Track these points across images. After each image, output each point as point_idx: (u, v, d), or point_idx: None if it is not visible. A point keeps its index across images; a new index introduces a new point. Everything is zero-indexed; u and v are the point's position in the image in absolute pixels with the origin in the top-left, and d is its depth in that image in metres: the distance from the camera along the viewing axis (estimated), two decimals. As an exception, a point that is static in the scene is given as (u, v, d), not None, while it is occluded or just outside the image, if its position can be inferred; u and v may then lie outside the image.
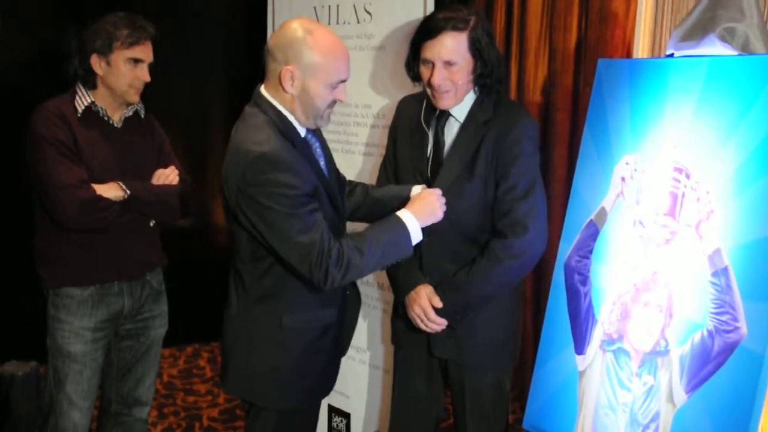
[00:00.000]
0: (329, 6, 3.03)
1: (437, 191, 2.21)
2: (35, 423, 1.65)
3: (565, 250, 2.35)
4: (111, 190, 2.46)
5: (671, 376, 1.96)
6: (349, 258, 1.99)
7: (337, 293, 2.17)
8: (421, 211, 2.14)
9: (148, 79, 2.55)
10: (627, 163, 2.19)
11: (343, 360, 2.93)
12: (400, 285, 2.42)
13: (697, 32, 2.11)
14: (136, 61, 2.50)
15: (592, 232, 2.27)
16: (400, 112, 2.53)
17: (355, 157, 3.03)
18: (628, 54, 3.15)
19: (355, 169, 3.01)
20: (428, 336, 2.41)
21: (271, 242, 1.99)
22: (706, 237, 1.91)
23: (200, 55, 4.83)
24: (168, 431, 3.81)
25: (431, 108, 2.36)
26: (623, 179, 2.20)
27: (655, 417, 1.98)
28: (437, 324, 2.33)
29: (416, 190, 2.28)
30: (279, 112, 2.05)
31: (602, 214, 2.25)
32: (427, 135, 2.38)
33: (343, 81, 2.08)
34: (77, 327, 2.52)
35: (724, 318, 1.84)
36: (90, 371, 2.56)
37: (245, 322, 2.15)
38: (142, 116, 2.67)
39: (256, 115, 2.06)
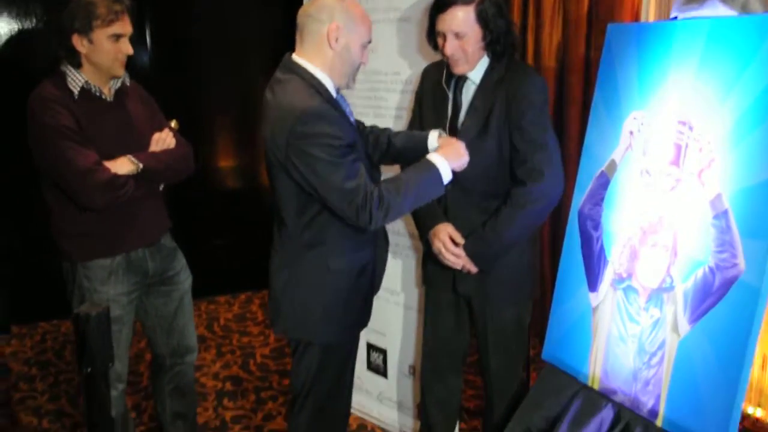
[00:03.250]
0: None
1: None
2: (108, 356, 1.71)
3: (579, 199, 2.36)
4: (124, 166, 2.35)
5: (676, 309, 1.97)
6: (389, 200, 2.03)
7: (370, 236, 2.22)
8: (450, 154, 2.17)
9: (131, 51, 2.39)
10: (635, 119, 2.19)
11: (380, 302, 2.99)
12: (423, 225, 2.47)
13: (699, -4, 2.08)
14: (118, 36, 2.34)
15: (604, 182, 2.28)
16: (424, 78, 2.56)
17: (386, 120, 3.05)
18: (636, 20, 3.11)
19: (387, 131, 3.03)
20: (453, 276, 2.45)
21: (319, 190, 2.02)
22: (708, 183, 1.91)
23: (242, 33, 4.85)
24: (226, 366, 3.92)
25: (451, 73, 2.38)
26: (631, 133, 2.19)
27: (661, 345, 2.00)
28: (455, 255, 2.36)
29: (433, 134, 2.30)
30: (313, 76, 2.09)
31: (612, 165, 2.25)
32: (448, 97, 2.40)
33: (369, 42, 2.14)
34: (113, 294, 2.46)
35: (724, 256, 1.85)
36: (127, 328, 2.54)
37: (293, 269, 2.20)
38: (128, 84, 2.51)
39: (291, 80, 2.09)
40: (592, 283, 2.28)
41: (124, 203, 2.39)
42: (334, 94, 2.15)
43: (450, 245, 2.37)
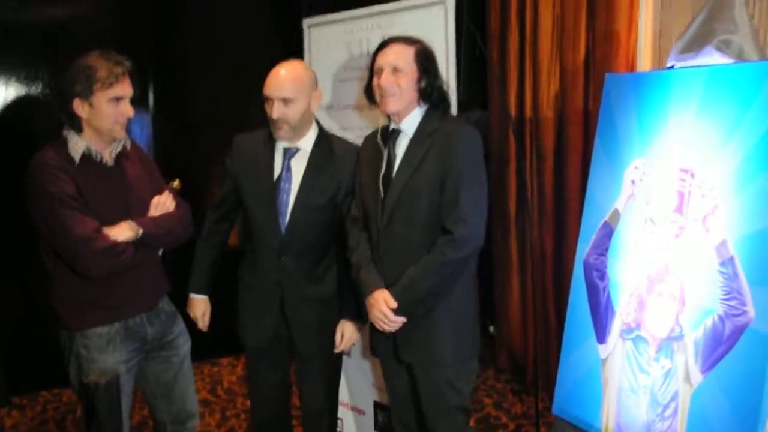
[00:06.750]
0: (360, 39, 3.07)
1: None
2: (117, 425, 1.68)
3: (583, 249, 2.36)
4: (124, 233, 2.32)
5: (687, 359, 1.95)
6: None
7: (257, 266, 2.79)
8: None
9: (131, 114, 2.36)
10: (636, 167, 2.20)
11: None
12: (360, 291, 2.40)
13: (695, 44, 2.12)
14: (118, 98, 2.31)
15: (607, 231, 2.28)
16: (364, 144, 2.53)
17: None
18: (632, 69, 3.15)
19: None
20: (395, 343, 2.38)
21: None
22: (713, 230, 1.92)
23: (245, 96, 4.89)
24: None
25: (386, 129, 2.38)
26: (633, 182, 2.21)
27: (674, 397, 1.98)
28: (398, 324, 2.30)
29: None
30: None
31: (615, 214, 2.26)
32: (382, 152, 2.38)
33: (270, 98, 2.49)
34: (111, 363, 2.41)
35: (732, 303, 1.84)
36: (126, 397, 2.48)
37: None
38: (128, 147, 2.46)
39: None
40: (601, 335, 2.26)
41: (123, 269, 2.36)
42: (281, 146, 2.58)
43: (391, 316, 2.29)
